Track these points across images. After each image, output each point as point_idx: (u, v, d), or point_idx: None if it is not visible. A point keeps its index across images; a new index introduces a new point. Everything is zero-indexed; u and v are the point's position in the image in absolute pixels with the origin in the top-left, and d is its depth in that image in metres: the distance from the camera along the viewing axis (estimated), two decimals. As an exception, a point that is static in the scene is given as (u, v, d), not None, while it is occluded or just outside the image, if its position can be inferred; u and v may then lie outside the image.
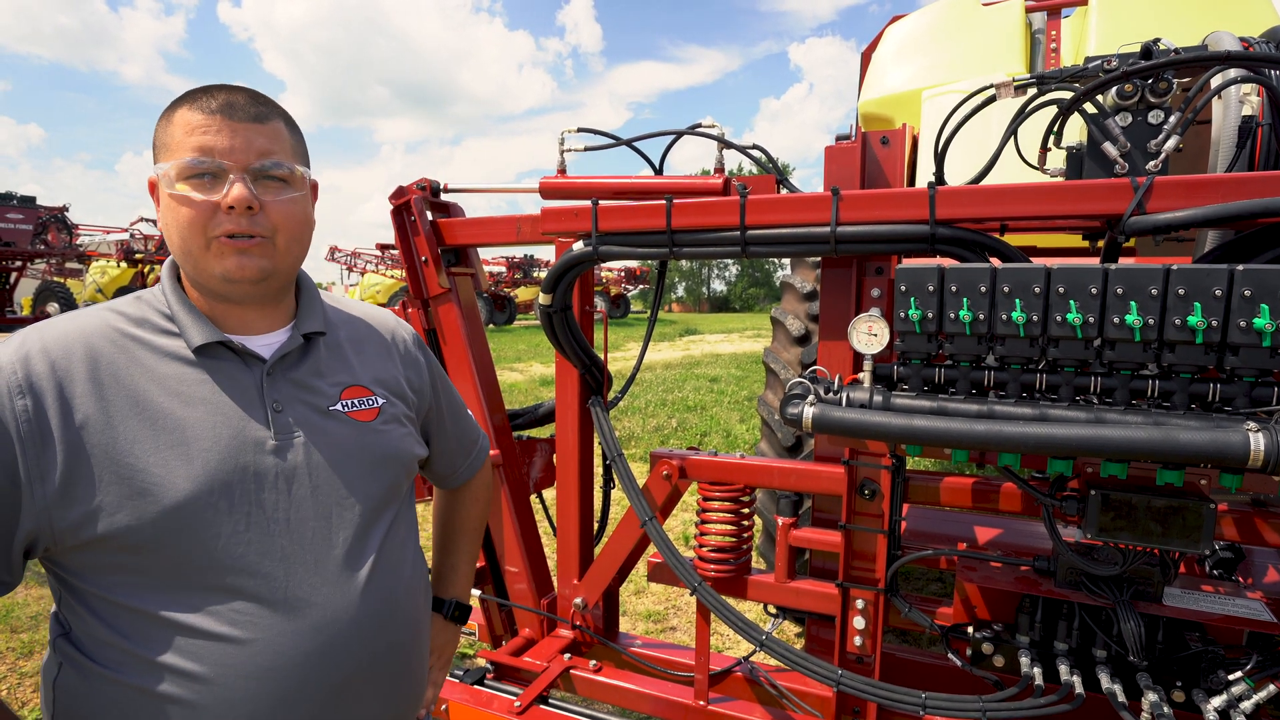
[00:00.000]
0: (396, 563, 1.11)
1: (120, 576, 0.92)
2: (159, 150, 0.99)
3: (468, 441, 1.43)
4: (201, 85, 1.01)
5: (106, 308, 1.01)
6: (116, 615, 0.93)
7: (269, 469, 0.99)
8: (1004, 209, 1.51)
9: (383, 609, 1.06)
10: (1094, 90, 1.47)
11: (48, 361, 0.91)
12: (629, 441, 7.41)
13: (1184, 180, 1.37)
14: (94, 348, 0.94)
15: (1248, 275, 1.19)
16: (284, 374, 1.06)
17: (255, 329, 1.06)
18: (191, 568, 0.93)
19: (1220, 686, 1.44)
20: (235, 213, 0.96)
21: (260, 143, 0.98)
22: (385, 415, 1.14)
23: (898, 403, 1.47)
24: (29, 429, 0.87)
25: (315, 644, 0.97)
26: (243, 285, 1.00)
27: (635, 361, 2.19)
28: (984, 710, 1.53)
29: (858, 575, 1.82)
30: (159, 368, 0.97)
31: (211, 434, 0.96)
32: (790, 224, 1.67)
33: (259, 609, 0.95)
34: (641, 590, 3.99)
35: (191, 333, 0.99)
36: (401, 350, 1.25)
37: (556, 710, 2.01)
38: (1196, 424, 1.24)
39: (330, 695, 1.00)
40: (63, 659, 0.97)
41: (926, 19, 3.35)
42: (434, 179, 2.27)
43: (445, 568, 1.48)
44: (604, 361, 2.18)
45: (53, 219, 16.61)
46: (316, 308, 1.14)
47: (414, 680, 1.16)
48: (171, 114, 0.98)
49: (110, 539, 0.89)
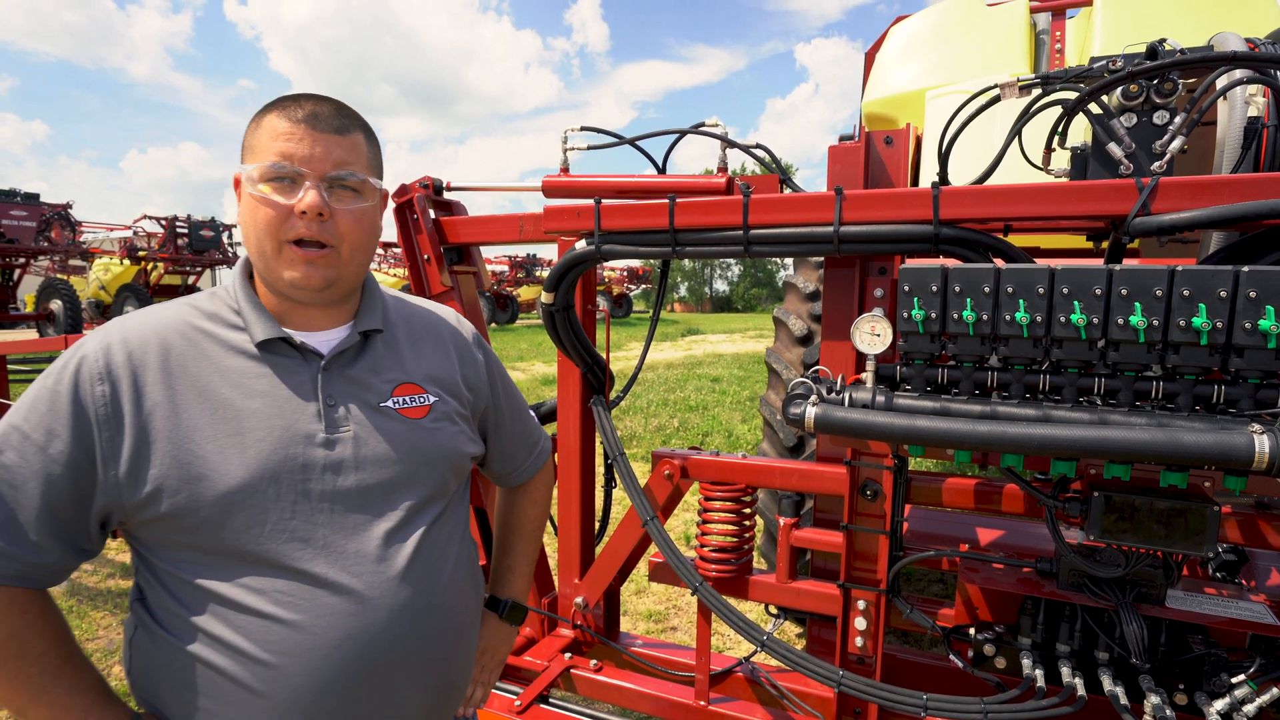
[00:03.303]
0: (439, 557, 1.14)
1: (180, 553, 1.00)
2: (246, 151, 1.05)
3: (528, 441, 1.45)
4: (293, 93, 1.08)
5: (185, 302, 1.09)
6: (179, 587, 1.00)
7: (317, 460, 1.04)
8: (1008, 209, 1.51)
9: (422, 597, 1.09)
10: (1099, 91, 1.47)
11: (126, 351, 0.99)
12: (631, 441, 7.41)
13: (1189, 181, 1.37)
14: (167, 340, 1.02)
15: (1253, 276, 1.19)
16: (340, 370, 1.11)
17: (317, 325, 1.12)
18: (241, 549, 0.99)
19: (1223, 689, 1.43)
20: (307, 218, 1.02)
21: (338, 153, 1.05)
22: (436, 413, 1.18)
23: (900, 403, 1.46)
24: (105, 413, 0.96)
25: (355, 627, 1.02)
26: (307, 292, 1.07)
27: (637, 361, 2.19)
28: (985, 712, 1.53)
29: (859, 576, 1.82)
30: (224, 360, 1.04)
31: (266, 425, 1.02)
32: (793, 224, 1.67)
33: (302, 590, 1.00)
34: (642, 590, 3.99)
35: (255, 328, 1.06)
36: (460, 347, 1.29)
37: (557, 710, 2.01)
38: (1201, 426, 1.23)
39: (369, 678, 1.04)
40: (138, 621, 1.06)
41: (931, 19, 3.35)
42: (437, 177, 2.27)
43: (502, 568, 1.50)
44: (606, 361, 2.18)
45: (56, 216, 16.63)
46: (377, 306, 1.19)
47: (454, 674, 1.19)
48: (261, 119, 1.04)
49: (170, 518, 0.97)
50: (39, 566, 0.97)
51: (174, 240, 16.97)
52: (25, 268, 16.20)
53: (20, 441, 0.94)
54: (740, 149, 1.96)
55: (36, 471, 0.94)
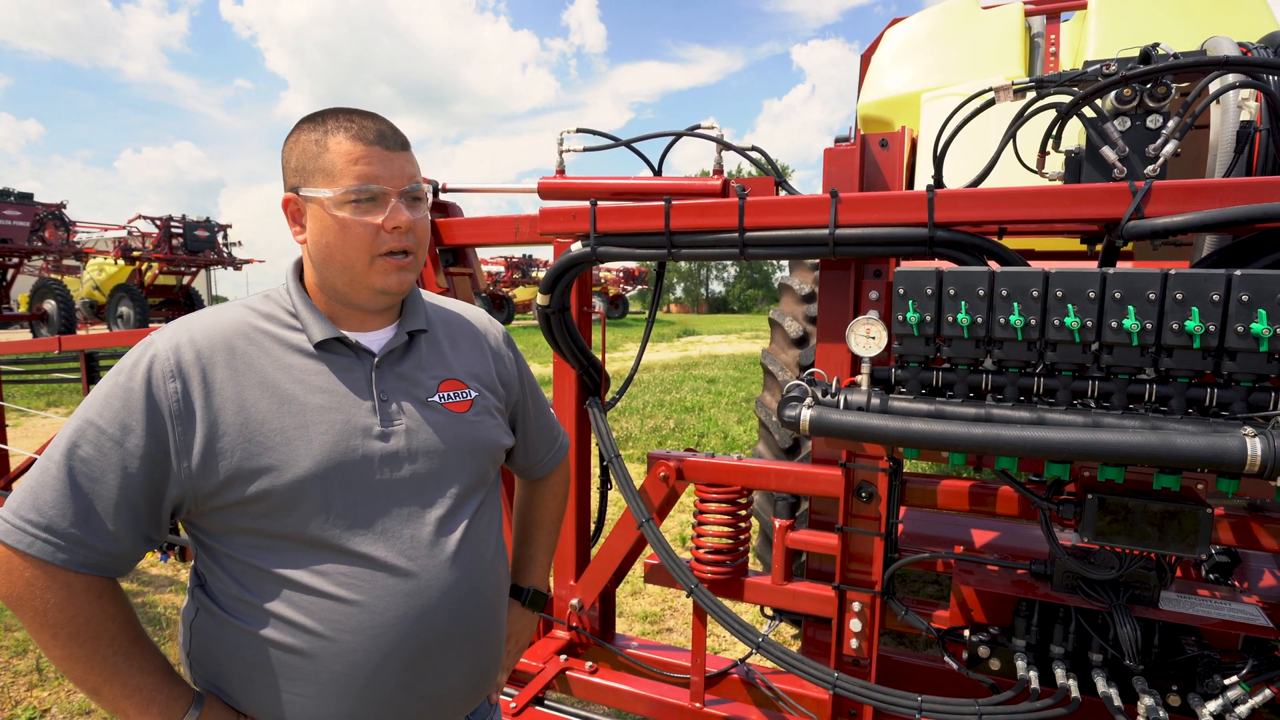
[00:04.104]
0: (481, 542, 1.21)
1: (248, 539, 1.05)
2: (314, 175, 1.09)
3: (550, 435, 1.51)
4: (333, 111, 1.12)
5: (242, 304, 1.15)
6: (244, 572, 1.06)
7: (375, 452, 1.10)
8: (1002, 212, 1.51)
9: (468, 580, 1.16)
10: (1093, 94, 1.47)
11: (194, 350, 1.04)
12: (626, 442, 7.40)
13: (1182, 185, 1.37)
14: (231, 339, 1.08)
15: (1245, 280, 1.19)
16: (390, 367, 1.17)
17: (368, 326, 1.19)
18: (308, 534, 1.05)
19: (1216, 691, 1.44)
20: (399, 232, 1.11)
21: (409, 169, 1.14)
22: (477, 407, 1.25)
23: (895, 405, 1.46)
24: (178, 408, 1.01)
25: (410, 607, 1.09)
26: (394, 297, 1.16)
27: (633, 362, 2.19)
28: (980, 713, 1.53)
29: (854, 578, 1.82)
30: (284, 358, 1.10)
31: (327, 419, 1.08)
32: (789, 226, 1.67)
33: (364, 572, 1.07)
34: (638, 591, 3.99)
35: (313, 329, 1.12)
36: (493, 345, 1.36)
37: (552, 712, 2.01)
38: (1193, 429, 1.24)
39: (421, 654, 1.11)
40: (199, 606, 1.11)
41: (926, 22, 3.36)
42: (433, 178, 2.27)
43: (524, 558, 1.56)
44: (602, 362, 2.18)
45: (50, 215, 16.55)
46: (420, 307, 1.25)
47: (493, 653, 1.25)
48: (324, 140, 1.09)
49: (239, 506, 1.03)
50: (115, 556, 1.01)
51: (169, 240, 16.89)
52: (19, 268, 16.12)
53: (96, 436, 0.99)
54: (736, 151, 1.96)
55: (114, 465, 0.99)
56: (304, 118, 1.14)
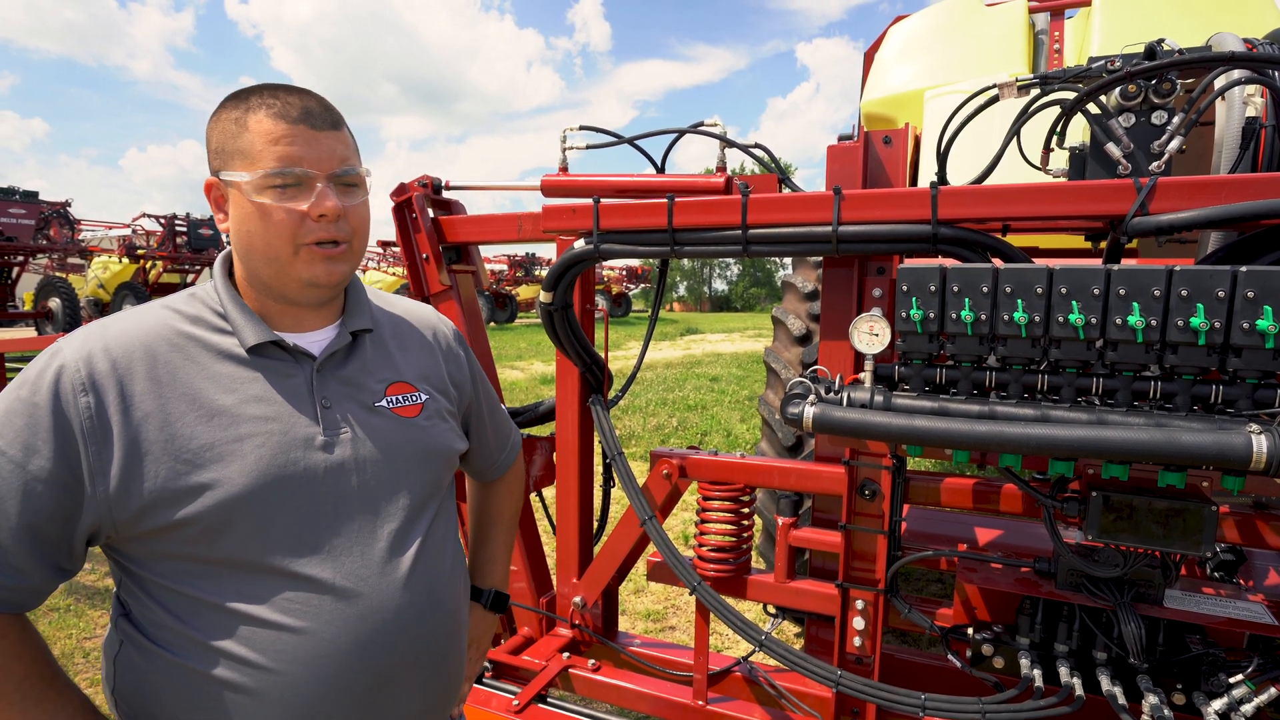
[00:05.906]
0: (437, 556, 1.14)
1: (178, 564, 0.96)
2: (233, 157, 0.99)
3: (503, 436, 1.46)
4: (258, 87, 1.01)
5: (164, 305, 1.04)
6: (175, 600, 0.96)
7: (318, 464, 1.02)
8: (1006, 209, 1.51)
9: (424, 600, 1.08)
10: (1097, 91, 1.47)
11: (109, 360, 0.93)
12: (629, 440, 7.41)
13: (1187, 181, 1.37)
14: (152, 346, 0.97)
15: (1251, 277, 1.19)
16: (332, 371, 1.09)
17: (306, 326, 1.09)
18: (245, 558, 0.96)
19: (1221, 689, 1.43)
20: (326, 220, 1.00)
21: (340, 150, 1.02)
22: (428, 411, 1.17)
23: (899, 403, 1.46)
24: (91, 425, 0.90)
25: (361, 633, 1.00)
26: (325, 290, 1.05)
27: (636, 360, 2.18)
28: (983, 712, 1.53)
29: (857, 576, 1.82)
30: (214, 366, 1.00)
31: (264, 430, 0.99)
32: (792, 223, 1.67)
33: (309, 598, 0.98)
34: (641, 589, 3.99)
35: (245, 333, 1.02)
36: (444, 346, 1.28)
37: (555, 709, 2.01)
38: (1199, 426, 1.23)
39: (375, 683, 1.02)
40: (123, 638, 1.00)
41: (929, 19, 3.35)
42: (436, 176, 2.27)
43: (482, 559, 1.51)
44: (605, 360, 2.18)
45: (55, 214, 16.61)
46: (364, 305, 1.16)
47: (452, 673, 1.18)
48: (244, 119, 0.98)
49: (169, 531, 0.93)
50: (18, 590, 0.91)
51: (173, 239, 16.94)
52: (24, 266, 16.17)
53: None
54: (739, 148, 1.96)
55: (14, 490, 0.88)
56: (229, 95, 1.02)
